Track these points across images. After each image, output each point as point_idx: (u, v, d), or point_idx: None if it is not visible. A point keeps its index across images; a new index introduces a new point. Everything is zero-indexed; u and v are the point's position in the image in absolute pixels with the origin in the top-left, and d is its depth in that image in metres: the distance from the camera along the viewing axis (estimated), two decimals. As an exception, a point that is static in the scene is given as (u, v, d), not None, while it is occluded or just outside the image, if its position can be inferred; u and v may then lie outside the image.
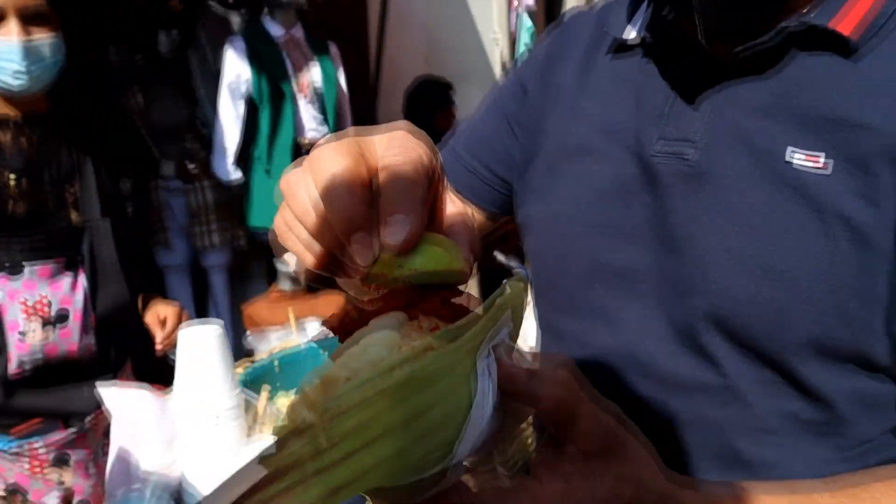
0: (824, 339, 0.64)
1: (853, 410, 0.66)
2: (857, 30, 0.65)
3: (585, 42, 0.84)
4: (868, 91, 0.64)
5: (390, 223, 0.42)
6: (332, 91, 3.65)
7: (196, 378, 1.16)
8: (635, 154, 0.74)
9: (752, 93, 0.69)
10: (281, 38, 3.50)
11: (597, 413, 0.47)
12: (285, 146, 3.43)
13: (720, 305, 0.66)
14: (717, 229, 0.68)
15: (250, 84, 3.41)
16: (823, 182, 0.64)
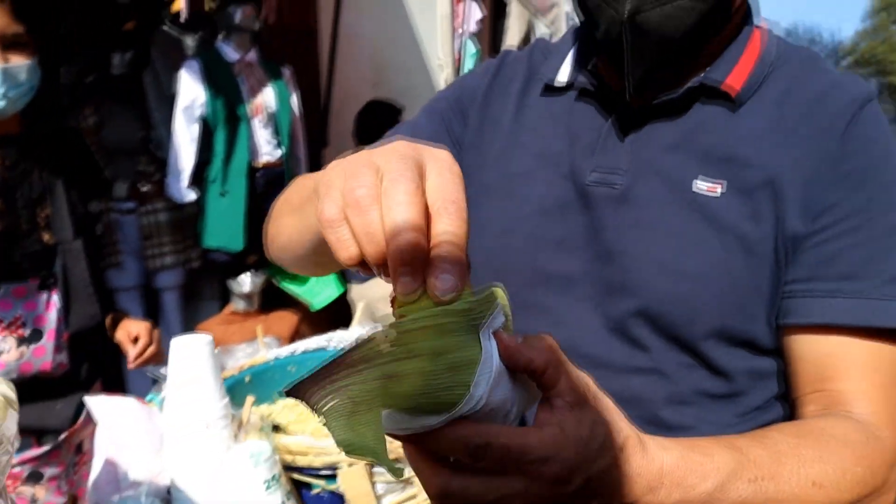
0: (726, 327, 0.82)
1: (748, 383, 0.85)
2: (741, 86, 0.86)
3: (520, 82, 1.00)
4: (749, 135, 0.84)
5: (442, 280, 0.50)
6: (286, 114, 3.72)
7: (188, 387, 1.22)
8: (571, 180, 0.90)
9: (666, 133, 0.87)
10: (236, 62, 3.55)
11: (575, 371, 0.59)
12: (240, 168, 3.48)
13: (647, 303, 0.84)
14: (642, 242, 0.85)
15: (205, 106, 3.45)
16: (721, 205, 0.83)
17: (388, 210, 0.51)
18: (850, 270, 0.80)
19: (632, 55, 0.82)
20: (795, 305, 0.82)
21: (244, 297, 3.62)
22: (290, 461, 1.30)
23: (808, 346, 0.82)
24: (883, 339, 0.79)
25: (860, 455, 0.73)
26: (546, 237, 0.90)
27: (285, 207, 0.91)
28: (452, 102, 1.02)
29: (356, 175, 0.53)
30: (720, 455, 0.65)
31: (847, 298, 0.79)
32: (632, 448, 0.60)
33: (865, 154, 0.82)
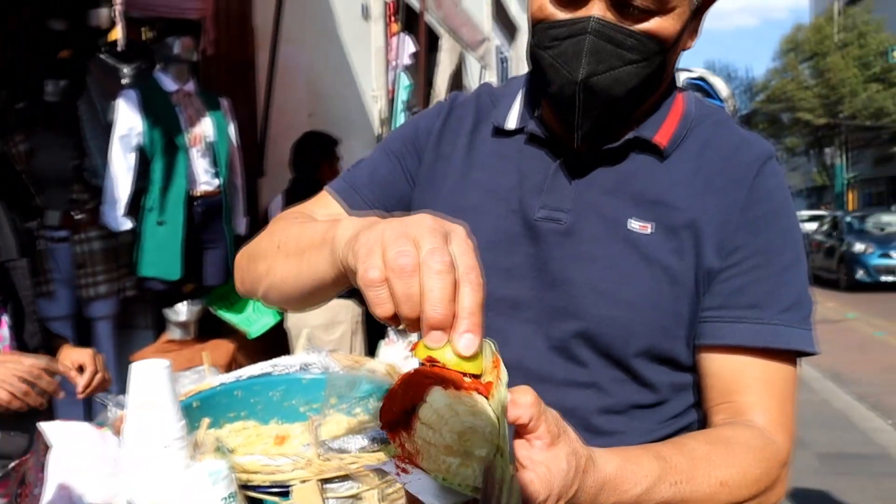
0: (654, 347, 0.96)
1: (670, 394, 1.00)
2: (667, 141, 1.01)
3: (470, 123, 1.13)
4: (673, 182, 0.99)
5: (465, 338, 0.63)
6: (225, 144, 3.75)
7: (147, 410, 1.27)
8: (520, 215, 1.03)
9: (605, 179, 1.01)
10: (174, 92, 3.58)
11: (550, 414, 0.71)
12: (178, 197, 3.49)
13: (587, 325, 0.97)
14: (584, 272, 0.97)
15: (142, 136, 3.46)
16: (651, 242, 0.97)
17: (427, 278, 0.62)
18: (754, 301, 0.96)
19: (582, 112, 0.95)
20: (709, 329, 0.97)
21: (180, 326, 3.61)
22: (245, 480, 1.35)
23: (717, 364, 0.97)
24: (778, 358, 0.96)
25: (759, 458, 0.88)
26: (496, 266, 1.01)
27: (279, 252, 0.98)
28: (408, 142, 1.13)
29: (397, 243, 0.64)
30: (649, 464, 0.79)
31: (750, 324, 0.95)
32: (588, 466, 0.73)
33: (767, 203, 0.98)
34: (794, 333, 0.95)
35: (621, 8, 0.90)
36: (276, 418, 1.97)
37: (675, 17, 0.92)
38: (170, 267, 3.46)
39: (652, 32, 0.91)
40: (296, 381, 2.01)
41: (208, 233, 3.68)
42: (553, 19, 0.93)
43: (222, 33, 4.28)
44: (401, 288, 0.63)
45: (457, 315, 0.63)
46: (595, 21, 0.90)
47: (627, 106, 0.97)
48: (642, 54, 0.92)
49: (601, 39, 0.90)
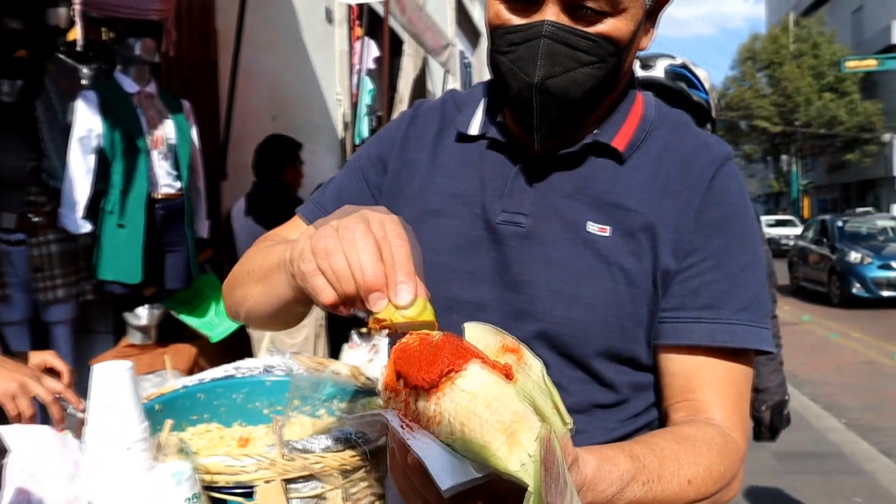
0: (612, 347, 0.99)
1: (630, 394, 1.02)
2: (625, 145, 1.03)
3: (434, 129, 1.15)
4: (631, 186, 1.01)
5: (399, 289, 0.68)
6: (186, 146, 3.72)
7: (109, 411, 1.26)
8: (482, 219, 1.05)
9: (563, 182, 1.03)
10: (135, 94, 3.54)
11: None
12: (139, 200, 3.45)
13: (547, 326, 0.99)
14: (544, 274, 0.99)
15: (102, 138, 3.41)
16: (609, 245, 0.99)
17: (349, 251, 0.68)
18: (710, 301, 0.98)
19: (540, 114, 0.97)
20: (667, 329, 1.00)
21: (141, 330, 3.57)
22: (209, 481, 1.35)
23: (676, 363, 1.00)
24: (735, 357, 0.99)
25: (721, 455, 0.91)
26: (460, 269, 1.04)
27: (248, 278, 1.02)
28: (371, 156, 1.17)
29: (319, 235, 0.70)
30: (624, 464, 0.80)
31: (708, 324, 0.98)
32: (573, 466, 0.74)
33: (723, 206, 1.01)
34: (751, 332, 0.98)
35: (574, 11, 0.92)
36: (240, 421, 1.96)
37: (628, 17, 0.94)
38: (130, 270, 3.42)
39: (606, 34, 0.93)
40: (259, 384, 2.01)
41: (169, 236, 3.64)
42: (509, 25, 0.96)
43: (184, 35, 4.24)
44: (329, 267, 0.68)
45: (386, 273, 0.68)
46: (549, 25, 0.92)
47: (585, 107, 0.99)
48: (597, 56, 0.94)
49: (556, 42, 0.93)
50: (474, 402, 0.61)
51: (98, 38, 3.76)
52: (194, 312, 3.91)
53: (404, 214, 1.08)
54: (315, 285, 0.70)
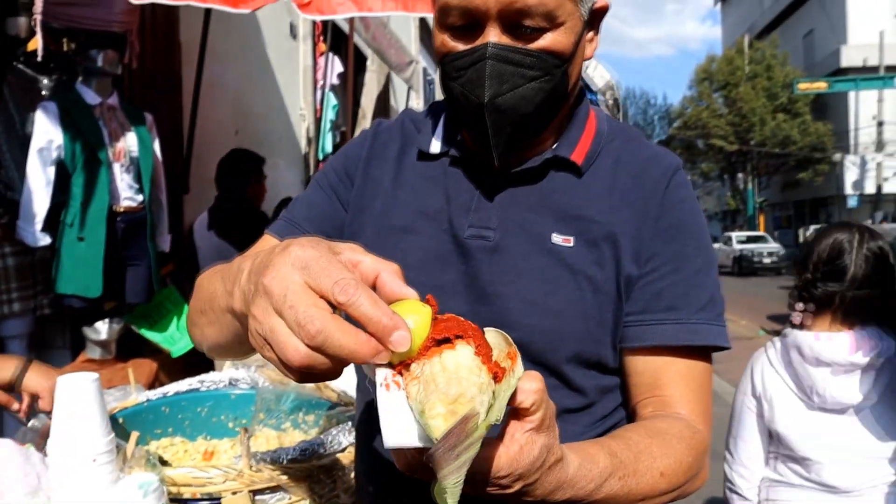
0: (581, 353, 1.03)
1: (597, 397, 1.06)
2: (583, 159, 1.09)
3: (396, 148, 1.19)
4: (591, 197, 1.06)
5: (395, 341, 0.63)
6: (148, 159, 3.68)
7: (74, 423, 1.25)
8: (450, 234, 1.08)
9: (527, 196, 1.08)
10: (97, 105, 3.50)
11: (550, 404, 0.74)
12: (99, 213, 3.40)
13: (519, 335, 1.01)
14: (513, 285, 1.04)
15: (62, 149, 3.36)
16: (574, 254, 1.03)
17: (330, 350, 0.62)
18: (671, 304, 1.04)
19: (494, 131, 1.01)
20: (632, 333, 1.05)
21: (100, 345, 3.51)
22: (176, 493, 1.35)
23: (642, 364, 1.05)
24: (696, 355, 1.05)
25: (690, 447, 0.96)
26: (429, 283, 1.05)
27: (203, 319, 0.98)
28: (339, 171, 1.19)
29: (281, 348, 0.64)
30: (603, 461, 0.84)
31: (671, 325, 1.04)
32: (556, 464, 0.77)
33: (677, 213, 1.07)
34: (711, 330, 1.04)
35: (515, 30, 0.97)
36: (204, 434, 1.96)
37: (567, 30, 0.99)
38: (90, 284, 3.36)
39: (548, 49, 0.98)
40: (224, 397, 2.01)
41: (131, 249, 3.59)
42: (455, 52, 1.00)
43: (148, 48, 4.22)
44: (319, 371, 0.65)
45: (373, 333, 0.64)
46: (492, 46, 0.96)
47: (538, 120, 1.04)
48: (542, 70, 0.99)
49: (500, 62, 0.97)
50: (441, 373, 0.65)
51: (59, 49, 3.71)
52: (155, 327, 3.86)
53: (368, 231, 1.12)
54: (316, 381, 0.68)
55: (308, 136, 7.28)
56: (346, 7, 3.06)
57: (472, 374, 0.66)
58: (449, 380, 0.64)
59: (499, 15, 0.95)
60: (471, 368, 0.66)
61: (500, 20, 0.96)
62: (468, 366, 0.66)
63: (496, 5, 0.94)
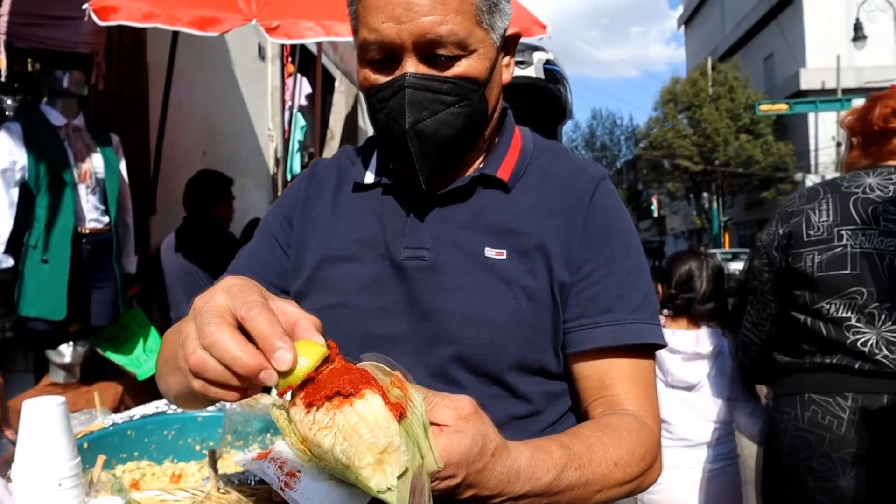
0: (522, 360, 1.07)
1: (543, 404, 1.10)
2: (509, 175, 1.14)
3: (332, 184, 1.24)
4: (520, 211, 1.11)
5: (278, 357, 0.70)
6: (115, 180, 3.66)
7: (40, 447, 1.25)
8: (387, 258, 1.13)
9: (457, 214, 1.12)
10: (62, 126, 3.48)
11: (454, 401, 0.78)
12: (64, 234, 3.37)
13: (460, 349, 1.07)
14: (451, 300, 1.07)
15: (26, 171, 3.33)
16: (507, 266, 1.08)
17: (218, 352, 0.70)
18: (607, 306, 1.09)
19: (418, 156, 1.06)
20: (572, 338, 1.10)
21: (64, 368, 3.47)
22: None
23: (587, 368, 1.10)
24: (636, 353, 1.10)
25: (640, 438, 1.01)
26: (371, 306, 1.11)
27: (166, 369, 1.05)
28: (279, 218, 1.24)
29: (188, 351, 0.73)
30: (556, 453, 0.88)
31: (608, 327, 1.08)
32: (499, 453, 0.80)
33: (604, 219, 1.13)
34: (646, 329, 1.09)
35: (430, 60, 1.03)
36: (171, 457, 1.94)
37: (481, 56, 1.05)
38: (54, 306, 3.32)
39: (463, 75, 1.04)
40: (191, 420, 2.00)
41: (96, 271, 3.55)
42: (377, 84, 1.06)
43: (114, 68, 4.20)
44: (212, 378, 0.72)
45: (261, 348, 0.70)
46: (409, 76, 1.02)
47: (461, 143, 1.09)
48: (459, 95, 1.04)
49: (418, 90, 1.03)
50: (362, 423, 0.68)
51: (24, 69, 3.69)
52: (120, 349, 3.82)
53: (309, 264, 1.16)
54: (215, 395, 0.73)
55: (276, 156, 7.27)
56: (314, 32, 3.09)
57: (390, 422, 0.69)
58: (372, 430, 0.68)
59: (413, 46, 1.02)
60: (387, 417, 0.69)
61: (415, 51, 1.02)
62: (384, 415, 0.69)
63: (410, 37, 1.01)
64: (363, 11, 1.04)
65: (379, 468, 0.67)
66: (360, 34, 1.06)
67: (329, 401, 0.69)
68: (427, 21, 1.00)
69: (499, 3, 1.07)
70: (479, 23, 1.04)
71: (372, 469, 0.66)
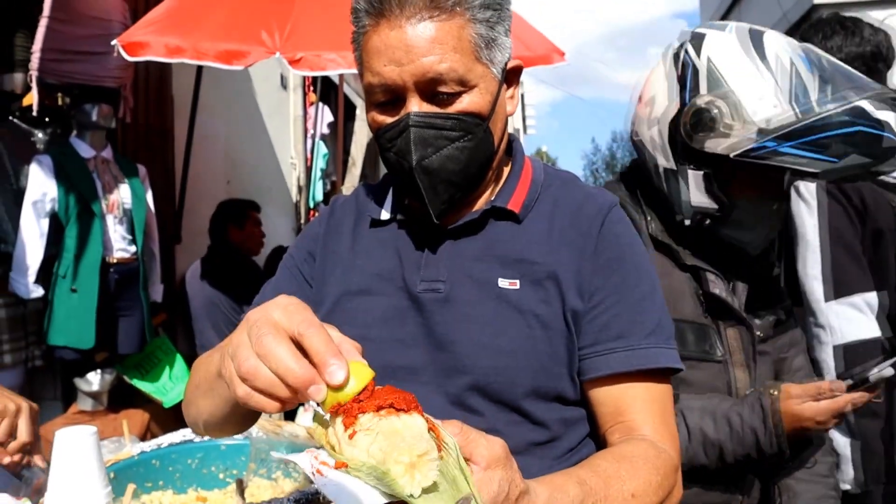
0: (538, 387, 1.08)
1: (561, 430, 1.11)
2: (520, 207, 1.17)
3: (352, 219, 1.28)
4: (531, 241, 1.14)
5: (332, 372, 0.72)
6: (141, 211, 3.74)
7: (73, 476, 1.28)
8: (404, 291, 1.16)
9: (471, 247, 1.15)
10: (91, 158, 3.56)
11: (488, 442, 0.79)
12: (93, 264, 3.44)
13: (477, 378, 1.09)
14: (466, 331, 1.11)
15: (56, 202, 3.41)
16: (520, 296, 1.10)
17: (271, 361, 0.73)
18: (620, 332, 1.10)
19: (427, 191, 1.10)
20: (587, 365, 1.11)
21: (92, 396, 3.51)
22: (170, 545, 1.36)
23: (602, 394, 1.11)
24: (652, 378, 1.11)
25: (657, 467, 1.01)
26: (391, 338, 1.13)
27: (198, 392, 1.08)
28: (303, 251, 1.28)
29: (239, 358, 0.76)
30: (573, 490, 0.88)
31: (622, 352, 1.10)
32: (521, 497, 0.81)
33: (615, 247, 1.15)
34: (661, 353, 1.10)
35: (432, 98, 1.07)
36: (194, 486, 1.96)
37: (483, 90, 1.08)
38: (82, 335, 3.38)
39: (465, 111, 1.08)
40: (214, 448, 2.02)
41: (123, 300, 3.62)
42: (385, 125, 1.10)
43: (141, 102, 4.30)
44: (260, 386, 0.74)
45: (314, 363, 0.73)
46: (413, 115, 1.06)
47: (469, 176, 1.12)
48: (463, 130, 1.08)
49: (423, 128, 1.06)
50: (406, 429, 0.70)
51: (54, 104, 3.78)
52: (147, 377, 3.87)
53: (331, 297, 1.19)
54: (257, 404, 0.75)
55: (299, 184, 7.35)
56: (336, 63, 3.15)
57: (428, 436, 0.71)
58: (415, 437, 0.70)
59: (415, 86, 1.05)
60: (429, 438, 0.71)
61: (417, 91, 1.06)
62: (427, 433, 0.71)
63: (411, 78, 1.04)
64: (366, 57, 1.09)
65: (410, 471, 0.68)
66: (365, 78, 1.10)
67: (378, 411, 0.72)
68: (427, 61, 1.04)
69: (496, 38, 1.10)
70: (479, 58, 1.07)
71: (404, 469, 0.68)
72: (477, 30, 1.06)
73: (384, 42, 1.05)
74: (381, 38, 1.05)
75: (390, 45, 1.04)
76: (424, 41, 1.03)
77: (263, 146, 6.62)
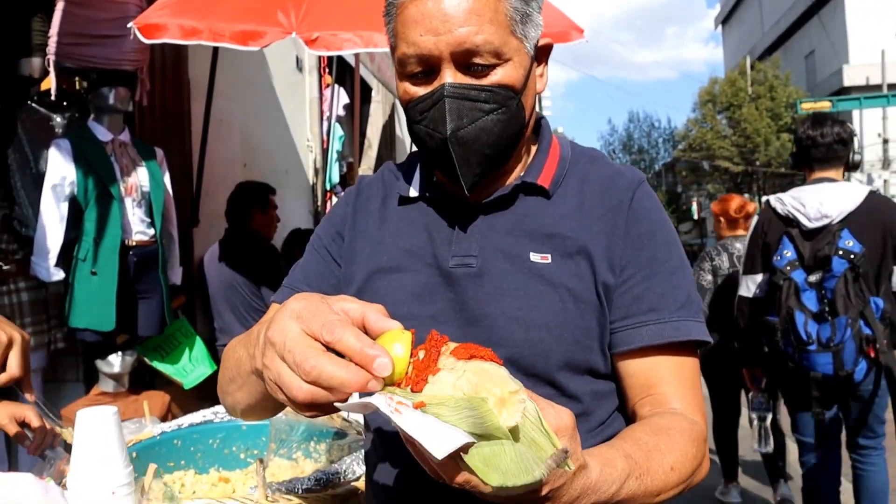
0: (571, 360, 1.09)
1: (592, 403, 1.12)
2: (550, 182, 1.18)
3: (379, 199, 1.28)
4: (562, 216, 1.15)
5: (378, 367, 0.74)
6: (159, 194, 3.75)
7: (94, 456, 1.29)
8: (435, 267, 1.16)
9: (501, 222, 1.16)
10: (109, 142, 3.57)
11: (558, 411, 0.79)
12: (112, 247, 3.46)
13: (510, 351, 1.09)
14: (498, 306, 1.10)
15: (75, 185, 3.43)
16: (552, 270, 1.11)
17: (320, 377, 0.74)
18: (651, 305, 1.11)
19: (460, 163, 1.09)
20: (619, 338, 1.11)
21: (113, 378, 3.55)
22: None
23: (633, 366, 1.12)
24: (682, 351, 1.12)
25: (691, 438, 1.02)
26: (422, 315, 1.14)
27: (233, 386, 1.08)
28: (330, 231, 1.28)
29: (287, 387, 0.76)
30: (620, 464, 0.89)
31: (654, 325, 1.10)
32: (580, 471, 0.82)
33: (645, 222, 1.15)
34: (692, 326, 1.11)
35: (467, 69, 1.07)
36: (216, 466, 1.98)
37: (516, 64, 1.09)
38: (103, 318, 3.41)
39: (500, 83, 1.08)
40: (236, 428, 2.03)
41: (143, 283, 3.64)
42: (417, 97, 1.10)
43: (157, 85, 4.30)
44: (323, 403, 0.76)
45: (358, 362, 0.74)
46: (449, 86, 1.06)
47: (500, 149, 1.12)
48: (497, 103, 1.08)
49: (458, 99, 1.07)
50: (497, 370, 0.73)
51: (71, 88, 3.80)
52: (167, 359, 3.90)
53: (361, 275, 1.20)
54: (325, 413, 0.78)
55: (315, 167, 7.35)
56: (352, 43, 3.13)
57: (520, 382, 0.73)
58: (505, 377, 0.72)
59: (451, 57, 1.06)
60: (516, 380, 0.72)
61: (453, 61, 1.06)
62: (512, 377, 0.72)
63: (447, 48, 1.05)
64: (401, 27, 1.08)
65: (501, 406, 0.69)
66: (399, 49, 1.09)
67: (459, 356, 0.74)
68: (463, 32, 1.04)
69: (531, 13, 1.10)
70: (513, 32, 1.08)
71: (496, 402, 0.69)
72: (513, 3, 1.07)
73: (421, 12, 1.05)
74: (418, 7, 1.06)
75: (428, 14, 1.05)
76: (462, 11, 1.04)
77: (279, 129, 6.62)
